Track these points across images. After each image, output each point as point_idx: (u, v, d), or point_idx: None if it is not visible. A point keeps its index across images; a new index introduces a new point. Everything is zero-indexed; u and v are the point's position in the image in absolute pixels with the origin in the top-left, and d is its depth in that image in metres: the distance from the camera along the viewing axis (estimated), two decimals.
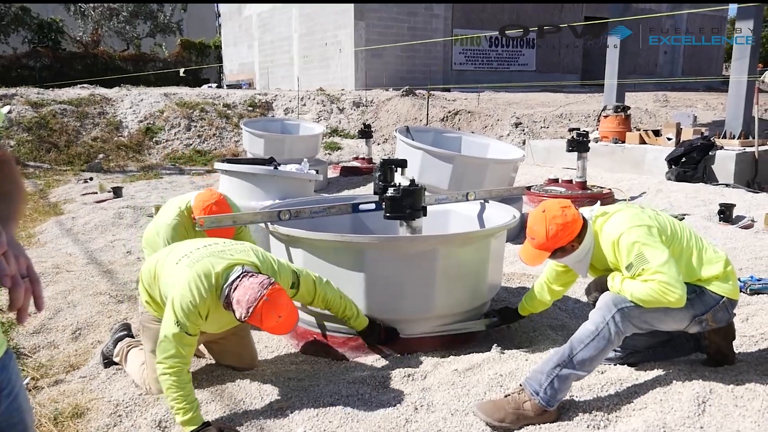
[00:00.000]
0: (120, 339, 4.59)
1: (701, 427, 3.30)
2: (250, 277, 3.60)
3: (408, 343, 4.51)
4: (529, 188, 10.50)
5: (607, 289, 3.68)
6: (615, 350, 4.00)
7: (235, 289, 3.56)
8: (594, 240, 3.73)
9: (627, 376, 3.85)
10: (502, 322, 4.77)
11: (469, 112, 18.96)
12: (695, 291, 3.59)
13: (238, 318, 3.54)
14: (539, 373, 3.54)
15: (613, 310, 3.52)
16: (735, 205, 8.70)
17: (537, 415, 3.48)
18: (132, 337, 4.65)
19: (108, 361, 4.55)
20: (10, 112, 17.38)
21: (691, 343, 4.13)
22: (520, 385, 3.61)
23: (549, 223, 3.66)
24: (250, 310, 3.46)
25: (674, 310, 3.53)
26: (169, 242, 5.05)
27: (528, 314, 4.69)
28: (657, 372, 3.88)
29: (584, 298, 5.57)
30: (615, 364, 4.03)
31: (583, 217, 3.73)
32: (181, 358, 3.54)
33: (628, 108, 14.18)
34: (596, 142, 13.32)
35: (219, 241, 4.03)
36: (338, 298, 4.24)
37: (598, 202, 4.01)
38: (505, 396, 3.59)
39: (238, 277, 3.61)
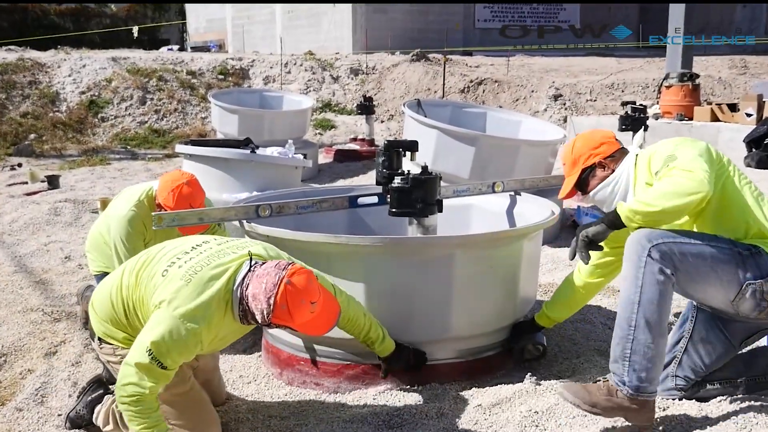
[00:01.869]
0: (96, 401, 4.26)
1: None
2: (262, 265, 3.51)
3: (420, 371, 4.51)
4: None
5: None
6: (677, 380, 4.01)
7: (248, 284, 3.46)
8: (633, 180, 3.86)
9: (695, 413, 3.84)
10: (516, 339, 4.77)
11: (496, 82, 18.95)
12: (749, 249, 3.56)
13: (260, 321, 3.43)
14: (614, 363, 3.63)
15: (644, 248, 3.51)
16: None
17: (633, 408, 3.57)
18: (110, 392, 4.31)
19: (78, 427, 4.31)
20: None
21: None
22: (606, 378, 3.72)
23: (578, 138, 4.13)
24: (272, 301, 3.34)
25: (720, 264, 3.50)
26: (123, 241, 5.06)
27: (550, 325, 4.73)
28: (732, 407, 3.87)
29: None
30: (679, 399, 4.03)
31: (623, 147, 4.04)
32: (141, 389, 3.40)
33: (697, 76, 14.15)
34: (656, 118, 13.31)
35: (208, 238, 3.88)
36: (362, 316, 4.17)
37: (642, 128, 4.36)
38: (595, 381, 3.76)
39: (250, 270, 3.52)
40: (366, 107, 15.29)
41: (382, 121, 18.70)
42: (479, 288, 4.50)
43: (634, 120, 9.93)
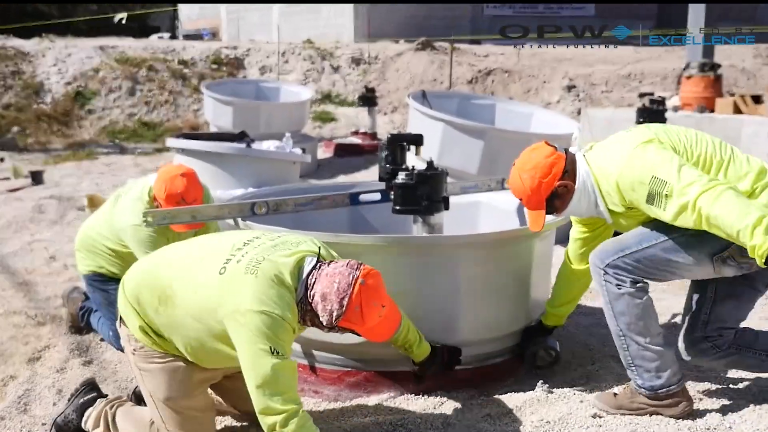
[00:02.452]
0: (88, 404, 4.22)
1: None
2: (330, 264, 3.48)
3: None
4: None
5: None
6: (710, 339, 4.06)
7: (314, 283, 3.42)
8: (594, 178, 3.93)
9: (717, 423, 3.84)
10: (527, 344, 4.77)
11: (505, 72, 18.95)
12: None
13: (326, 323, 3.39)
14: (627, 370, 4.03)
15: (600, 269, 3.89)
16: None
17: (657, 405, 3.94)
18: (104, 396, 4.32)
19: None
20: None
21: None
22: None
23: (521, 173, 4.00)
24: (345, 303, 3.31)
25: (679, 253, 3.76)
26: (146, 251, 5.05)
27: (561, 322, 4.78)
28: (756, 415, 3.86)
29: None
30: (716, 359, 4.02)
31: (566, 151, 4.05)
32: (297, 404, 3.33)
33: (719, 66, 14.11)
34: (675, 111, 13.27)
35: (258, 233, 3.79)
36: (402, 317, 4.12)
37: (576, 128, 4.44)
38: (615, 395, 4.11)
39: (315, 267, 3.47)
40: (368, 99, 15.30)
41: (385, 114, 18.70)
42: (488, 290, 4.49)
43: (652, 112, 9.92)
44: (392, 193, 4.78)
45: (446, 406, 4.29)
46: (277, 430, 3.28)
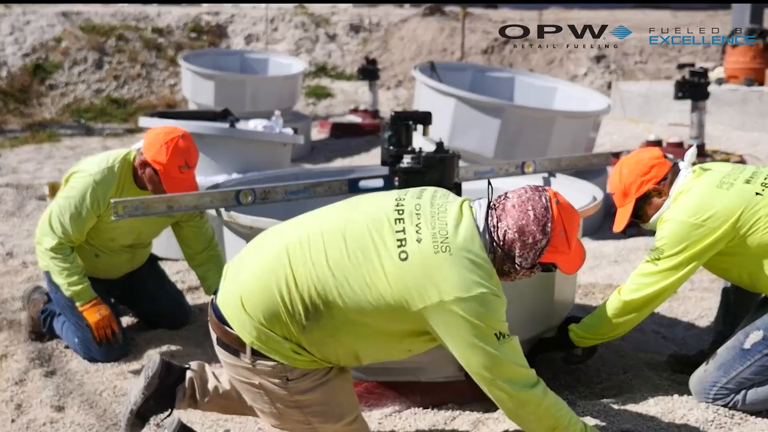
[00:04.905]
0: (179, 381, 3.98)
1: None
2: (507, 195, 3.40)
3: (433, 389, 4.52)
4: (617, 155, 10.46)
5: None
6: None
7: (498, 222, 3.34)
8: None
9: None
10: (548, 344, 4.81)
11: (526, 40, 18.90)
12: None
13: (529, 262, 3.34)
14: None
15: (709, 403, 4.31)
16: None
17: None
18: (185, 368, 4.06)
19: None
20: None
21: None
22: None
23: (623, 166, 4.46)
24: (549, 228, 3.27)
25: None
26: (72, 206, 5.12)
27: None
28: None
29: (699, 322, 5.56)
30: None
31: (675, 164, 4.40)
32: (534, 375, 3.49)
33: None
34: (720, 84, 13.27)
35: (379, 195, 3.67)
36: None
37: (694, 145, 5.24)
38: None
39: (490, 207, 3.38)
40: (369, 72, 15.27)
41: (389, 89, 18.70)
42: (506, 289, 4.49)
43: (693, 86, 9.89)
44: (397, 179, 4.78)
45: (458, 421, 4.30)
46: (537, 401, 3.40)
